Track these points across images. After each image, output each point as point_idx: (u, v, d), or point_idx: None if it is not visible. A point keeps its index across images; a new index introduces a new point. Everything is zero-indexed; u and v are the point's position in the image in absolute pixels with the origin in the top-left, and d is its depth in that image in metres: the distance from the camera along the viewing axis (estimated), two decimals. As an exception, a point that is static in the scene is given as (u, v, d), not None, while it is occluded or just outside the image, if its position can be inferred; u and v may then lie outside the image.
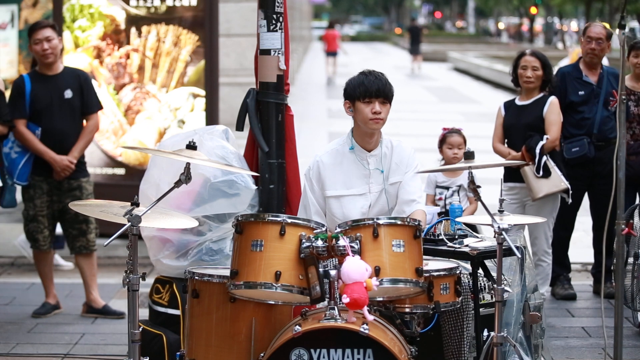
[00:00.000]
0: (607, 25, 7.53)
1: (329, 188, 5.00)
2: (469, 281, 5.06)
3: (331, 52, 31.48)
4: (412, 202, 5.04)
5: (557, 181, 6.89)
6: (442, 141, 6.93)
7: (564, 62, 12.16)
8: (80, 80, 7.03)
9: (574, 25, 62.05)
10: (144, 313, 5.91)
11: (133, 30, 9.10)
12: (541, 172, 6.82)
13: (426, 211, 5.23)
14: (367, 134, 4.99)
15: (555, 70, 7.46)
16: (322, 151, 5.13)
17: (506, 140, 7.13)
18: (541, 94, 7.01)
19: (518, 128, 6.98)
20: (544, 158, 6.83)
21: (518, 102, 7.10)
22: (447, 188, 6.75)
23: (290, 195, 5.76)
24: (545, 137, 6.87)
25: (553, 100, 6.98)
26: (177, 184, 4.41)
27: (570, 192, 6.96)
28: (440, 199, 6.75)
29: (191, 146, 4.46)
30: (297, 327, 4.12)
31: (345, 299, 4.06)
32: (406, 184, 5.04)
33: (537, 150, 6.82)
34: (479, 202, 4.70)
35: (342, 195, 4.99)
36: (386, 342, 4.11)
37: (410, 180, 5.06)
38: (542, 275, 7.08)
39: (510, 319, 5.28)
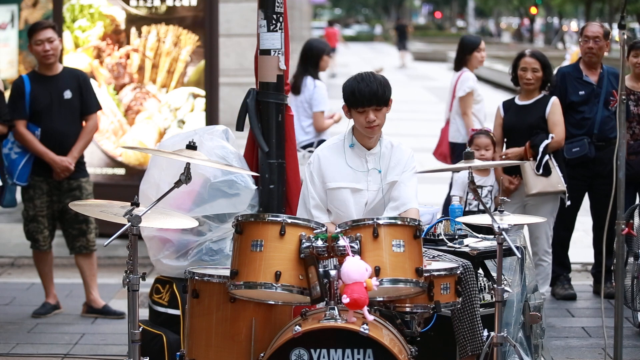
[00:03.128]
0: (605, 25, 7.54)
1: (330, 180, 5.02)
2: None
3: (331, 48, 33.07)
4: (406, 201, 5.04)
5: (555, 182, 6.90)
6: (470, 142, 6.92)
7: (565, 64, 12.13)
8: (80, 81, 7.03)
9: (573, 25, 62.04)
10: (144, 313, 5.91)
11: (133, 30, 9.10)
12: (541, 171, 6.84)
13: (421, 211, 5.25)
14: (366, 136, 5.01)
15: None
16: (323, 146, 5.18)
17: (505, 140, 7.12)
18: (542, 94, 7.01)
19: (521, 128, 6.97)
20: (546, 157, 6.84)
21: (518, 101, 7.09)
22: (481, 187, 6.70)
23: (290, 195, 5.76)
24: (550, 136, 6.88)
25: (555, 100, 6.98)
26: (177, 184, 4.41)
27: (567, 194, 6.97)
28: (474, 198, 6.70)
29: (191, 146, 4.46)
30: (297, 327, 4.12)
31: (345, 299, 4.06)
32: (402, 184, 5.05)
33: (541, 148, 6.83)
34: (481, 202, 4.72)
35: (343, 187, 5.01)
36: (386, 342, 4.11)
37: (407, 180, 5.07)
38: (542, 275, 7.09)
39: (510, 319, 5.28)
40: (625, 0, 5.07)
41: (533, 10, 63.90)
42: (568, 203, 7.03)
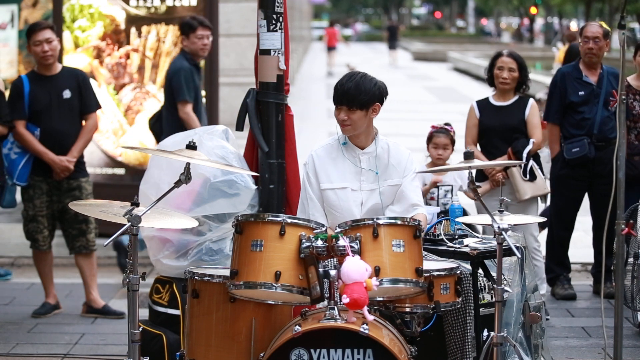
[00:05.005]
0: (604, 24, 7.53)
1: (323, 181, 5.02)
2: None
3: (331, 47, 35.99)
4: (413, 206, 5.04)
5: (542, 185, 7.01)
6: (429, 139, 6.90)
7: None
8: (79, 80, 7.03)
9: (573, 25, 62.03)
10: (144, 313, 5.91)
11: (133, 30, 9.10)
12: (528, 176, 6.87)
13: (427, 212, 5.24)
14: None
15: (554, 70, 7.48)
16: (318, 145, 5.17)
17: (480, 141, 7.10)
18: (517, 96, 7.02)
19: (500, 130, 6.97)
20: (531, 162, 6.88)
21: (494, 102, 7.09)
22: (437, 187, 6.64)
23: (290, 195, 5.76)
24: (531, 140, 6.90)
25: (533, 103, 7.07)
26: (177, 184, 4.41)
27: (547, 197, 7.04)
28: (432, 198, 6.67)
29: (191, 146, 4.46)
30: (297, 327, 4.12)
31: (345, 299, 4.06)
32: (406, 189, 5.04)
33: (525, 154, 6.85)
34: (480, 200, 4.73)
35: (336, 188, 5.01)
36: (386, 342, 4.11)
37: (410, 184, 5.06)
38: (539, 275, 7.09)
39: (510, 319, 5.28)
40: (625, 0, 5.07)
41: (533, 10, 63.92)
42: (546, 205, 7.08)
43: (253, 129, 5.73)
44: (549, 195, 7.20)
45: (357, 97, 4.85)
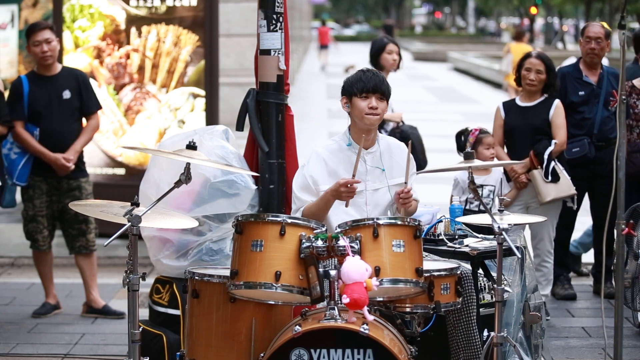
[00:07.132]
0: (605, 24, 7.53)
1: (325, 182, 5.00)
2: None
3: (323, 46, 37.77)
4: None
5: (566, 186, 6.87)
6: (477, 142, 6.78)
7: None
8: (79, 81, 7.03)
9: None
10: (144, 313, 5.91)
11: (133, 30, 9.10)
12: (550, 177, 6.82)
13: (421, 211, 5.24)
14: (364, 131, 4.98)
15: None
16: (320, 146, 5.14)
17: (506, 141, 7.09)
18: (544, 96, 6.98)
19: (524, 130, 6.93)
20: (552, 163, 6.82)
21: (520, 102, 7.05)
22: (481, 186, 6.50)
23: (290, 195, 5.76)
24: (553, 141, 6.85)
25: (558, 103, 6.96)
26: (177, 184, 4.41)
27: (576, 198, 6.95)
28: (474, 198, 6.59)
29: (191, 146, 4.46)
30: (297, 327, 4.12)
31: (345, 299, 4.06)
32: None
33: (546, 156, 6.80)
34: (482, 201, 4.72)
35: None
36: (386, 342, 4.11)
37: (413, 184, 5.07)
38: (545, 277, 7.08)
39: (510, 319, 5.29)
40: (625, 0, 5.07)
41: (533, 10, 63.87)
42: (575, 207, 7.01)
43: (253, 129, 5.73)
44: (575, 197, 7.07)
45: (387, 88, 4.99)
